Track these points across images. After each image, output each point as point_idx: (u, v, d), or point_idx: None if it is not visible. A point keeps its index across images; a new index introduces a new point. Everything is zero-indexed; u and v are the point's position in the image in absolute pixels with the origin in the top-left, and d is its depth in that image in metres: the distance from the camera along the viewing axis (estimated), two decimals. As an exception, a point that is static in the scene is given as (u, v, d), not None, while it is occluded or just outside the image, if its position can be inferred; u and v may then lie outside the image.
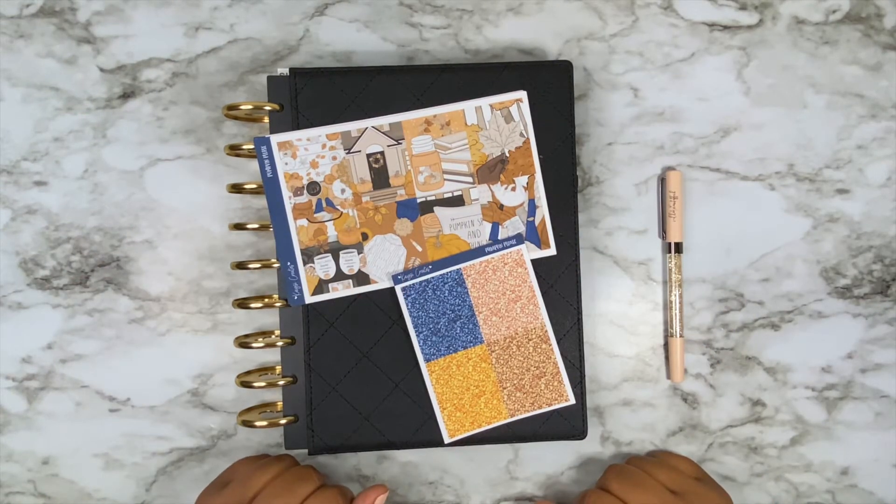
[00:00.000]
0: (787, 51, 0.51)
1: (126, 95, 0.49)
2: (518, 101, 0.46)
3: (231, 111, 0.46)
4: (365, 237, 0.46)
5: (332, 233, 0.46)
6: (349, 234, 0.46)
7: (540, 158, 0.46)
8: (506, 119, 0.46)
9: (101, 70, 0.49)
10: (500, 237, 0.46)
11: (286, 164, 0.46)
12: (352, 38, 0.50)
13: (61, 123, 0.49)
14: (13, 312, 0.49)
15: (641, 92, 0.50)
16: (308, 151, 0.46)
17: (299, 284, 0.46)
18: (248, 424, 0.46)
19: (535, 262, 0.46)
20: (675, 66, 0.51)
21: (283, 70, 0.47)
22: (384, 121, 0.46)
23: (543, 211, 0.47)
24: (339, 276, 0.46)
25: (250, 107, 0.46)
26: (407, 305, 0.46)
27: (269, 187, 0.46)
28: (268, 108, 0.46)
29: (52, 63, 0.49)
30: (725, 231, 0.51)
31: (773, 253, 0.51)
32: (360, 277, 0.46)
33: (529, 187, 0.46)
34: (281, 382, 0.46)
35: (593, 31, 0.50)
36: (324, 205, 0.46)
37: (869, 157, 0.51)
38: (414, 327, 0.46)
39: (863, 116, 0.51)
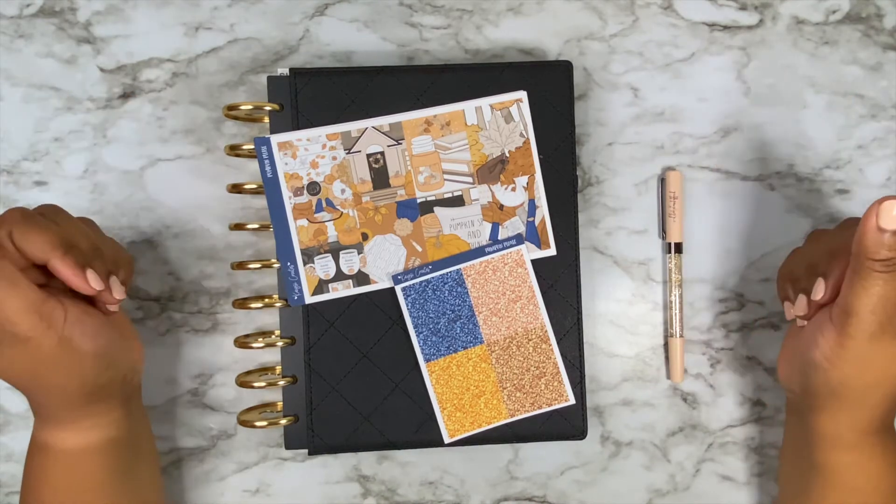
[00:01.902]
0: (787, 51, 0.51)
1: (126, 95, 0.49)
2: (518, 102, 0.46)
3: (231, 111, 0.46)
4: (365, 237, 0.46)
5: (332, 233, 0.46)
6: (349, 234, 0.46)
7: (540, 158, 0.46)
8: (506, 119, 0.46)
9: (101, 70, 0.49)
10: (500, 237, 0.46)
11: (286, 164, 0.46)
12: (352, 38, 0.50)
13: (61, 123, 0.49)
14: (13, 312, 0.49)
15: (641, 92, 0.50)
16: (308, 151, 0.46)
17: (299, 284, 0.46)
18: (248, 424, 0.46)
19: (535, 262, 0.46)
20: (675, 66, 0.51)
21: (283, 70, 0.47)
22: (384, 121, 0.46)
23: (543, 211, 0.47)
24: (339, 276, 0.46)
25: (250, 107, 0.46)
26: (407, 305, 0.46)
27: (269, 187, 0.46)
28: (268, 108, 0.46)
29: (52, 63, 0.49)
30: (725, 231, 0.51)
31: (773, 253, 0.51)
32: (360, 277, 0.46)
33: (529, 187, 0.46)
34: (281, 382, 0.46)
35: (593, 31, 0.50)
36: (324, 205, 0.46)
37: (869, 157, 0.51)
38: (414, 327, 0.46)
39: (863, 116, 0.51)
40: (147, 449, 0.45)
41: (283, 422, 0.46)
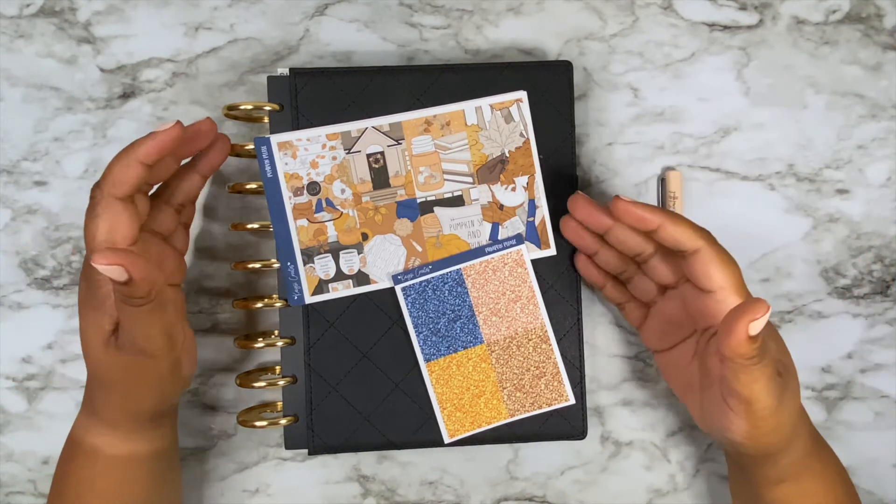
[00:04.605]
0: (787, 51, 0.51)
1: (126, 95, 0.49)
2: (518, 101, 0.46)
3: (231, 111, 0.46)
4: (365, 237, 0.46)
5: (332, 233, 0.46)
6: (349, 234, 0.46)
7: (540, 158, 0.46)
8: (506, 119, 0.46)
9: (101, 70, 0.49)
10: (500, 237, 0.46)
11: (286, 164, 0.46)
12: (352, 38, 0.50)
13: (61, 123, 0.49)
14: (13, 312, 0.49)
15: (641, 92, 0.50)
16: (308, 151, 0.46)
17: (299, 284, 0.46)
18: (248, 424, 0.46)
19: (535, 262, 0.46)
20: (675, 66, 0.51)
21: (283, 70, 0.47)
22: (384, 121, 0.46)
23: (543, 211, 0.47)
24: (339, 276, 0.46)
25: (250, 107, 0.46)
26: (407, 305, 0.46)
27: (269, 187, 0.46)
28: (268, 108, 0.46)
29: (52, 63, 0.49)
30: (725, 231, 0.50)
31: (773, 253, 0.51)
32: (360, 277, 0.46)
33: (529, 187, 0.46)
34: (281, 382, 0.46)
35: (593, 31, 0.50)
36: (324, 205, 0.46)
37: (869, 157, 0.51)
38: (414, 327, 0.46)
39: (863, 116, 0.51)
40: (177, 459, 0.46)
41: (283, 422, 0.46)
